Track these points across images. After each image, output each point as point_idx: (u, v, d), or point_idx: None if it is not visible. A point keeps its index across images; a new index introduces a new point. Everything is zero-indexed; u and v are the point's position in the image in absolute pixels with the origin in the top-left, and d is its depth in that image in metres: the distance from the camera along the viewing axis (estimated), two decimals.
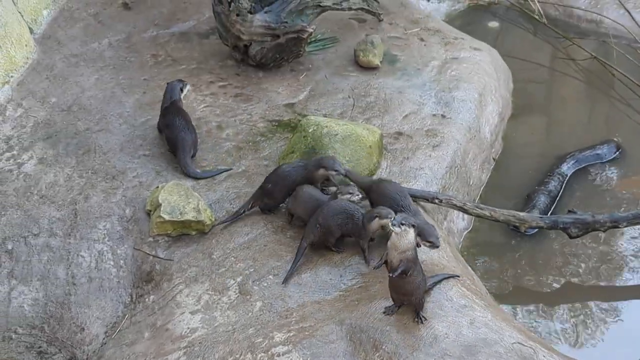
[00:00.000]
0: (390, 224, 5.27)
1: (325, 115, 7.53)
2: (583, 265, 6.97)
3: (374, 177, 6.84)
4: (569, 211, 6.84)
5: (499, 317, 5.55)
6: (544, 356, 5.26)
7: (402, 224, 5.15)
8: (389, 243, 5.27)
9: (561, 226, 6.71)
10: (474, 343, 5.26)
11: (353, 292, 5.76)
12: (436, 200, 6.71)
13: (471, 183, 7.55)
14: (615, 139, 8.30)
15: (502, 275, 6.95)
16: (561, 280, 6.87)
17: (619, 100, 8.87)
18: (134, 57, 8.42)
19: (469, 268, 6.55)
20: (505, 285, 6.86)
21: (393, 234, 5.22)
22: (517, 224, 6.73)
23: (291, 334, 5.40)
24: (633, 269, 6.94)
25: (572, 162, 8.03)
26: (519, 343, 5.35)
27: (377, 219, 5.88)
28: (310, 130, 6.88)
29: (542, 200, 7.50)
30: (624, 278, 6.88)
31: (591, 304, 6.65)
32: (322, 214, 6.01)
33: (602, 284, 6.84)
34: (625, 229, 6.98)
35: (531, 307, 6.66)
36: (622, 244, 7.17)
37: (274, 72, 8.23)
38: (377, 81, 8.10)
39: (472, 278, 6.20)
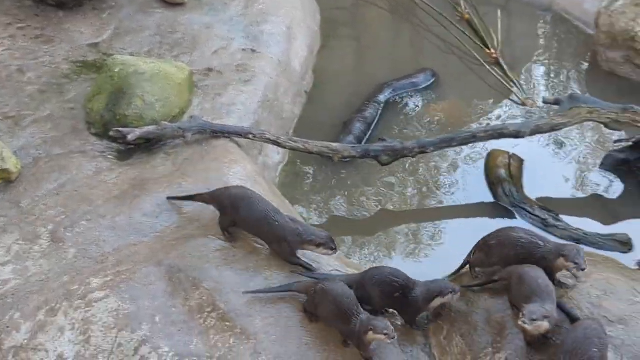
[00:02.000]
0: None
1: (131, 54, 7.33)
2: (396, 191, 7.14)
3: (186, 115, 6.76)
4: (380, 139, 6.98)
5: None
6: None
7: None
8: None
9: (372, 154, 6.83)
10: (294, 273, 5.34)
11: (170, 233, 5.69)
12: (250, 136, 6.68)
13: (284, 117, 7.56)
14: (430, 67, 8.49)
15: (319, 206, 7.02)
16: (376, 207, 7.00)
17: (421, 27, 9.06)
18: None
19: (286, 201, 6.59)
20: (323, 216, 6.94)
21: None
22: (331, 155, 6.78)
23: (108, 278, 5.29)
24: (441, 191, 7.16)
25: (389, 90, 8.16)
26: (336, 270, 5.46)
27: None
28: (116, 70, 6.70)
29: (358, 127, 7.61)
30: (434, 200, 7.09)
31: (405, 227, 6.83)
32: None
33: (414, 208, 7.03)
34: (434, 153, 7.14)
35: (348, 236, 6.76)
36: (431, 168, 7.37)
37: (75, 12, 7.91)
38: (184, 17, 7.93)
39: (289, 211, 6.23)
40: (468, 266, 5.53)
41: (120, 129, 6.46)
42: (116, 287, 5.21)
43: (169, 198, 5.91)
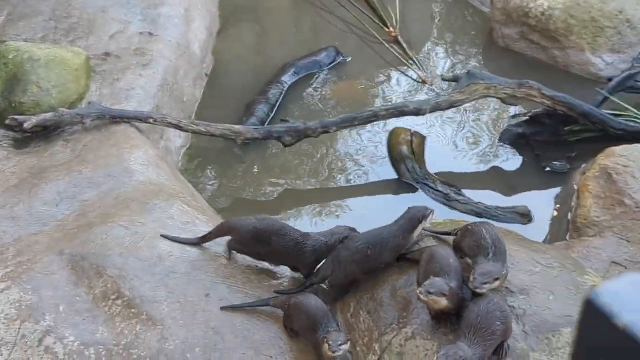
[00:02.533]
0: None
1: (26, 41, 7.15)
2: (301, 171, 7.16)
3: (84, 101, 6.66)
4: (282, 120, 6.98)
5: None
6: None
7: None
8: None
9: (275, 136, 6.82)
10: (198, 258, 5.30)
11: (71, 221, 5.59)
12: (150, 120, 6.60)
13: (185, 100, 7.49)
14: (334, 45, 8.50)
15: (223, 189, 7.00)
16: (281, 188, 7.01)
17: (323, 9, 9.07)
18: None
19: (189, 185, 6.54)
20: (227, 198, 6.92)
21: None
22: (234, 137, 6.75)
23: (9, 269, 5.18)
24: (345, 170, 7.21)
25: (292, 70, 8.14)
26: None
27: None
28: (10, 57, 6.54)
29: (260, 108, 7.58)
30: (338, 179, 7.14)
31: (310, 207, 6.86)
32: None
33: (319, 187, 7.06)
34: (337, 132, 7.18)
35: None
36: (335, 148, 7.41)
37: None
38: (78, 1, 7.75)
39: (192, 194, 6.21)
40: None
41: (16, 116, 6.32)
42: (17, 278, 5.11)
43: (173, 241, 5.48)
